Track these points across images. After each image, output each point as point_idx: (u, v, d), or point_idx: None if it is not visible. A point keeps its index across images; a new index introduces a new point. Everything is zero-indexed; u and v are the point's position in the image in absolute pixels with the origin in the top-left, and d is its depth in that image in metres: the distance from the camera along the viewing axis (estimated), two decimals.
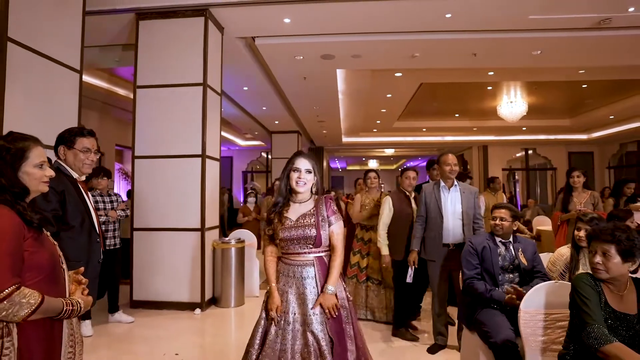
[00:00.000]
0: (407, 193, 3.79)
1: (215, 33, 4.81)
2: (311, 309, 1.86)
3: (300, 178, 1.97)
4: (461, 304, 2.80)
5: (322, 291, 1.88)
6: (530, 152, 14.71)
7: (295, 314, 1.89)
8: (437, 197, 3.31)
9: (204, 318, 4.24)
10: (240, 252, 4.68)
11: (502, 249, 2.65)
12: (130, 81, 7.72)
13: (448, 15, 4.68)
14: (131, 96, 7.89)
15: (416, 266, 3.36)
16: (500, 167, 14.66)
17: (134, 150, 4.61)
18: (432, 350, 3.29)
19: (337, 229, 1.97)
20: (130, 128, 4.73)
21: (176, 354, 3.22)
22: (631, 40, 5.26)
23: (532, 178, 15.50)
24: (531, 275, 2.61)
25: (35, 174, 1.36)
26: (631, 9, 4.52)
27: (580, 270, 2.57)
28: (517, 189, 15.36)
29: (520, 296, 2.27)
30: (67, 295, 1.38)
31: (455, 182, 3.34)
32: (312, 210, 1.97)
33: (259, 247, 5.36)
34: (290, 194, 2.03)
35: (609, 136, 12.58)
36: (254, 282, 5.05)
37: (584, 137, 13.29)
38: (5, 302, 1.15)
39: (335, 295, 1.89)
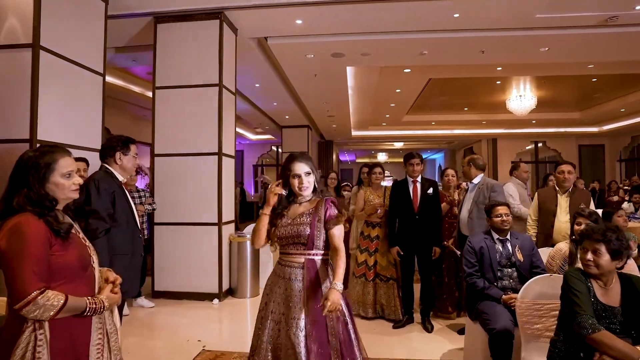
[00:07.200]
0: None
1: (230, 35, 4.99)
2: (302, 315, 1.82)
3: (302, 183, 1.94)
4: (466, 296, 2.99)
5: (330, 286, 1.78)
6: (540, 144, 14.70)
7: (276, 312, 1.89)
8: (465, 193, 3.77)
9: (222, 307, 4.49)
10: None
11: (499, 246, 2.83)
12: (145, 79, 7.98)
13: (456, 15, 4.79)
14: (145, 94, 8.20)
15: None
16: (509, 160, 14.66)
17: (153, 148, 4.84)
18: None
19: (337, 232, 1.91)
20: (144, 124, 4.96)
21: (198, 340, 3.46)
22: (639, 36, 5.31)
23: (542, 171, 15.50)
24: (529, 270, 2.77)
25: (64, 184, 1.45)
26: (638, 7, 4.59)
27: (579, 265, 2.73)
28: (527, 182, 15.38)
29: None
30: (96, 291, 1.50)
31: (475, 179, 3.69)
32: (310, 210, 1.95)
33: None
34: (294, 196, 2.01)
35: (620, 129, 12.53)
36: (268, 273, 5.26)
37: (594, 129, 13.23)
38: (30, 305, 1.28)
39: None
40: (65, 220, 1.46)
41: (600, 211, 3.40)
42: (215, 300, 4.58)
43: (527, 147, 15.07)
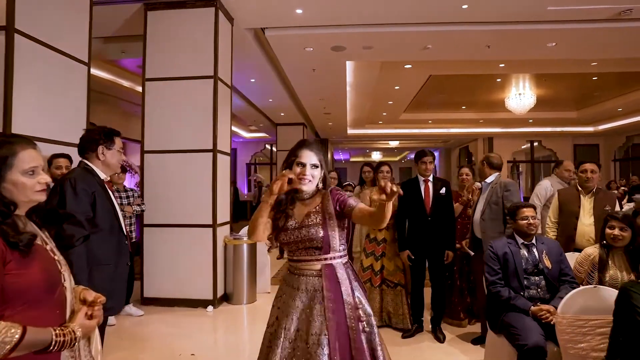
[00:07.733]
0: None
1: (226, 24, 4.69)
2: (324, 329, 1.57)
3: (304, 174, 1.65)
4: (487, 305, 2.73)
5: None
6: (535, 144, 14.61)
7: (290, 330, 1.62)
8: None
9: (217, 315, 4.20)
10: (252, 248, 4.62)
11: (524, 251, 2.59)
12: (135, 73, 7.62)
13: (464, 7, 4.56)
14: (136, 88, 7.84)
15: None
16: (506, 159, 14.57)
17: (143, 145, 4.52)
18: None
19: (361, 204, 1.65)
20: (135, 120, 4.65)
21: (192, 354, 3.16)
22: None
23: (537, 170, 15.41)
24: (557, 278, 2.54)
25: (24, 183, 1.15)
26: None
27: (610, 272, 2.51)
28: (521, 181, 15.31)
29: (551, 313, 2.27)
30: (68, 317, 1.20)
31: (489, 179, 3.45)
32: (317, 208, 1.68)
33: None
34: (294, 192, 1.72)
35: (616, 128, 12.48)
36: (266, 278, 4.99)
37: (590, 129, 13.17)
38: None
39: (357, 307, 1.61)
40: (27, 229, 1.15)
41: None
42: (210, 308, 4.29)
43: (522, 147, 14.97)
